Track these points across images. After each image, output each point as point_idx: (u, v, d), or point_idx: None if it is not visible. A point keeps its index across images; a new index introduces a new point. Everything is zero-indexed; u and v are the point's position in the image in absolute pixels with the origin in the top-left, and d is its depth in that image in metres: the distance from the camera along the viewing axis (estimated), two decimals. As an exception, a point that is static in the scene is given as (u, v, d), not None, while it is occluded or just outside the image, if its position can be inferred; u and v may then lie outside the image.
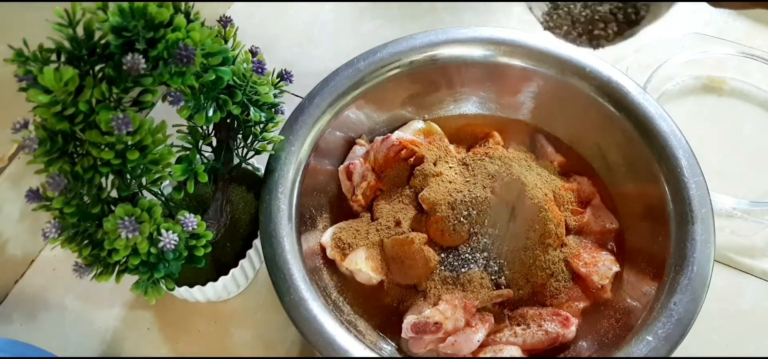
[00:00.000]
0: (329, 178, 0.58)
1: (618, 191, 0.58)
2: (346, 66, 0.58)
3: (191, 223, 0.43)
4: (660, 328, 0.45)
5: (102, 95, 0.37)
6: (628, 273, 0.53)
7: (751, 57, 0.70)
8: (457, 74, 0.61)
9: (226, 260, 0.53)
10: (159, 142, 0.40)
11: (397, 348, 0.51)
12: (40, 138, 0.37)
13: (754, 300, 0.57)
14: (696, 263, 0.47)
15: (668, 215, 0.51)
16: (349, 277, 0.54)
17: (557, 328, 0.50)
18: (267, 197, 0.51)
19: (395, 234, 0.53)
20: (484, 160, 0.57)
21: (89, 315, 0.57)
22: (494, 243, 0.53)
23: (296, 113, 0.56)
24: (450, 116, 0.64)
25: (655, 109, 0.55)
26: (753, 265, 0.59)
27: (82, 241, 0.41)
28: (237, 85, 0.46)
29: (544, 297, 0.52)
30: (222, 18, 0.47)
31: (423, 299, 0.51)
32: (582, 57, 0.58)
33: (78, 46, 0.38)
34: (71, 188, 0.38)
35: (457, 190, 0.54)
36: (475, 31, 0.60)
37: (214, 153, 0.50)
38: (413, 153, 0.57)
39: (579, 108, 0.59)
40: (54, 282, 0.59)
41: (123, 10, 0.36)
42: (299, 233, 0.51)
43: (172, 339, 0.56)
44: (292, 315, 0.46)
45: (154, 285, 0.44)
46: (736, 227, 0.60)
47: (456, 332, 0.49)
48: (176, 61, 0.38)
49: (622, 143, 0.57)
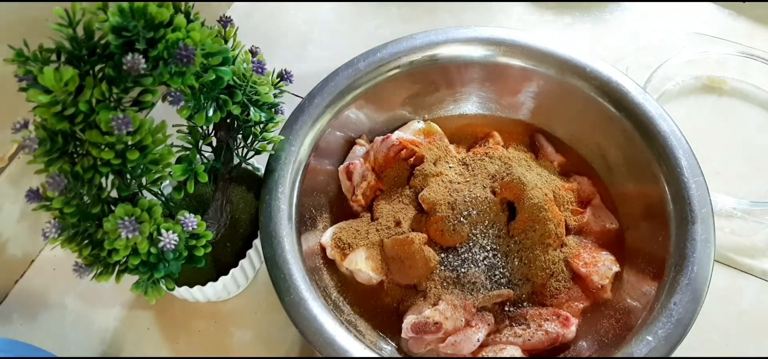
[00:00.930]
0: (329, 178, 0.58)
1: (618, 191, 0.58)
2: (346, 66, 0.58)
3: (191, 223, 0.43)
4: (660, 328, 0.45)
5: (102, 95, 0.37)
6: (628, 273, 0.53)
7: (751, 57, 0.70)
8: (457, 74, 0.61)
9: (226, 260, 0.53)
10: (159, 142, 0.40)
11: (397, 348, 0.51)
12: (40, 138, 0.37)
13: (754, 300, 0.57)
14: (696, 263, 0.47)
15: (668, 215, 0.51)
16: (349, 277, 0.54)
17: (557, 328, 0.50)
18: (267, 197, 0.51)
19: (395, 234, 0.53)
20: (484, 160, 0.57)
21: (89, 315, 0.57)
22: (494, 243, 0.53)
23: (296, 113, 0.56)
24: (450, 116, 0.64)
25: (655, 109, 0.55)
26: (753, 265, 0.59)
27: (82, 241, 0.41)
28: (237, 85, 0.46)
29: (544, 297, 0.52)
30: (222, 18, 0.47)
31: (423, 299, 0.51)
32: (582, 57, 0.58)
33: (78, 46, 0.38)
34: (71, 188, 0.38)
35: (457, 190, 0.54)
36: (475, 31, 0.60)
37: (214, 153, 0.50)
38: (413, 153, 0.57)
39: (579, 108, 0.59)
40: (54, 282, 0.59)
41: (123, 10, 0.36)
42: (299, 233, 0.51)
43: (172, 339, 0.56)
44: (292, 315, 0.46)
45: (154, 285, 0.44)
46: (736, 227, 0.60)
47: (456, 332, 0.49)
48: (176, 61, 0.38)
49: (622, 143, 0.57)
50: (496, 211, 0.53)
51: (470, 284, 0.51)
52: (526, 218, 0.52)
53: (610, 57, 0.57)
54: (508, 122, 0.63)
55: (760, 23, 0.77)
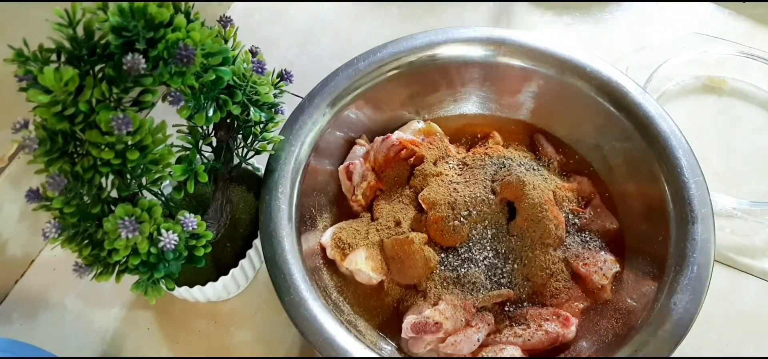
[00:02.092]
0: (329, 178, 0.58)
1: (618, 191, 0.57)
2: (346, 66, 0.58)
3: (191, 223, 0.43)
4: (660, 328, 0.45)
5: (102, 95, 0.37)
6: (628, 273, 0.53)
7: (751, 57, 0.70)
8: (457, 74, 0.61)
9: (226, 260, 0.53)
10: (159, 142, 0.40)
11: (397, 348, 0.51)
12: (40, 138, 0.37)
13: (754, 300, 0.57)
14: (696, 264, 0.47)
15: (668, 215, 0.51)
16: (349, 277, 0.54)
17: (557, 328, 0.50)
18: (267, 197, 0.51)
19: (395, 234, 0.53)
20: (484, 160, 0.57)
21: (89, 315, 0.57)
22: (494, 243, 0.53)
23: (296, 113, 0.56)
24: (450, 116, 0.64)
25: (655, 109, 0.55)
26: (753, 265, 0.59)
27: (82, 241, 0.41)
28: (237, 85, 0.46)
29: (544, 297, 0.52)
30: (222, 18, 0.47)
31: (423, 299, 0.51)
32: (582, 57, 0.58)
33: (78, 46, 0.38)
34: (71, 188, 0.38)
35: (456, 190, 0.54)
36: (475, 31, 0.60)
37: (214, 153, 0.50)
38: (413, 153, 0.57)
39: (579, 108, 0.59)
40: (54, 282, 0.59)
41: (123, 10, 0.36)
42: (299, 233, 0.51)
43: (172, 339, 0.56)
44: (292, 315, 0.46)
45: (154, 285, 0.44)
46: (736, 227, 0.60)
47: (456, 332, 0.49)
48: (176, 61, 0.38)
49: (622, 143, 0.57)
50: (496, 211, 0.53)
51: (470, 284, 0.51)
52: (526, 218, 0.52)
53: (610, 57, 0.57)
54: (508, 122, 0.63)
55: (760, 23, 0.77)
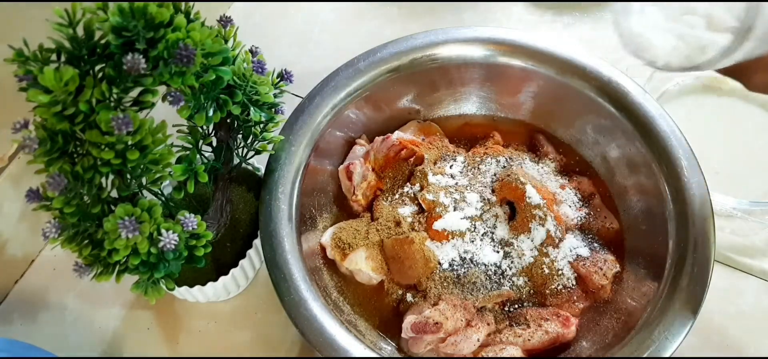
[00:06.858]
0: (329, 178, 0.58)
1: (618, 191, 0.57)
2: (346, 66, 0.58)
3: (191, 223, 0.43)
4: (660, 328, 0.45)
5: (102, 95, 0.37)
6: (628, 273, 0.53)
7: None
8: (457, 74, 0.61)
9: (226, 260, 0.53)
10: (159, 142, 0.40)
11: (397, 348, 0.51)
12: (40, 138, 0.37)
13: (754, 300, 0.57)
14: (696, 264, 0.47)
15: (668, 215, 0.51)
16: (349, 277, 0.54)
17: (557, 328, 0.50)
18: (267, 197, 0.51)
19: (395, 234, 0.53)
20: (484, 160, 0.57)
21: (89, 315, 0.57)
22: (494, 243, 0.53)
23: (296, 113, 0.56)
24: (450, 116, 0.64)
25: (655, 109, 0.55)
26: (753, 265, 0.59)
27: (82, 241, 0.41)
28: (237, 85, 0.46)
29: (544, 297, 0.52)
30: (222, 18, 0.47)
31: (423, 299, 0.51)
32: (582, 57, 0.58)
33: (78, 46, 0.38)
34: (71, 188, 0.38)
35: (457, 190, 0.54)
36: (475, 31, 0.60)
37: (214, 153, 0.50)
38: (413, 153, 0.57)
39: (579, 108, 0.59)
40: (54, 282, 0.59)
41: (123, 10, 0.36)
42: (299, 233, 0.51)
43: (172, 339, 0.56)
44: (292, 315, 0.46)
45: (154, 285, 0.44)
46: (736, 227, 0.60)
47: (456, 332, 0.49)
48: (176, 61, 0.38)
49: (622, 143, 0.56)
50: (496, 211, 0.53)
51: (470, 284, 0.51)
52: (526, 218, 0.52)
53: (610, 57, 0.57)
54: (508, 122, 0.63)
55: (760, 23, 0.77)
